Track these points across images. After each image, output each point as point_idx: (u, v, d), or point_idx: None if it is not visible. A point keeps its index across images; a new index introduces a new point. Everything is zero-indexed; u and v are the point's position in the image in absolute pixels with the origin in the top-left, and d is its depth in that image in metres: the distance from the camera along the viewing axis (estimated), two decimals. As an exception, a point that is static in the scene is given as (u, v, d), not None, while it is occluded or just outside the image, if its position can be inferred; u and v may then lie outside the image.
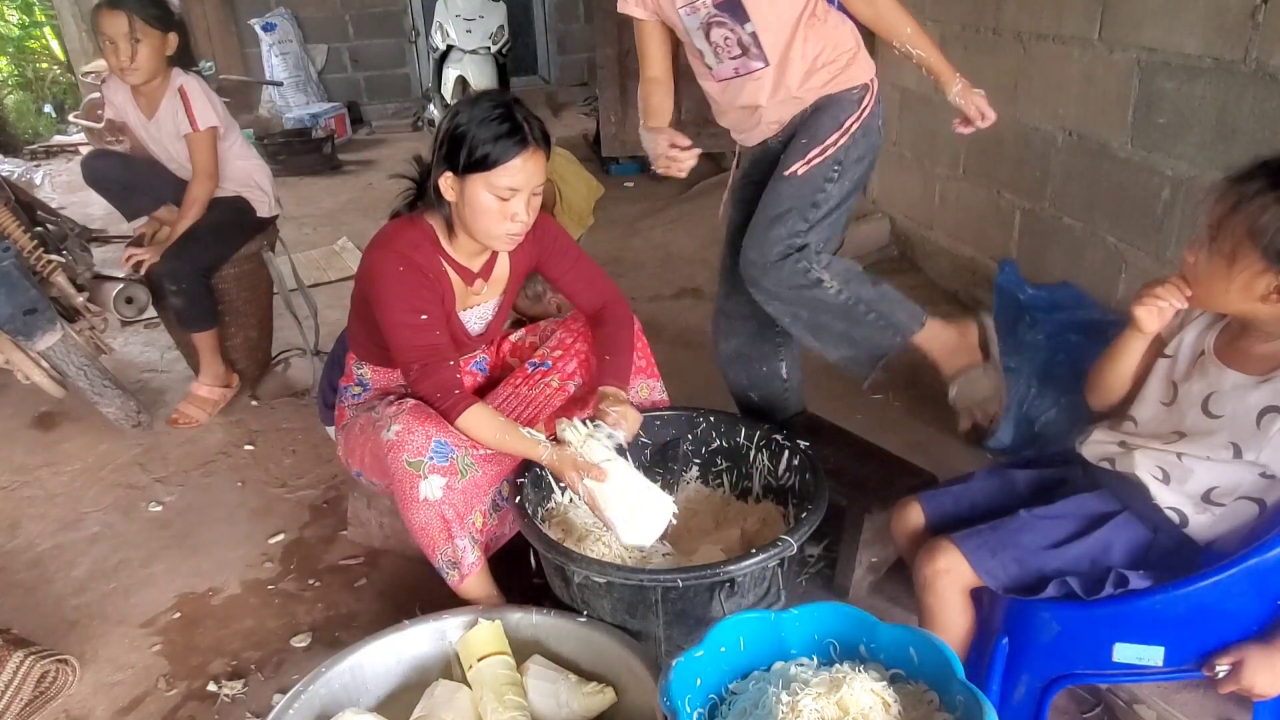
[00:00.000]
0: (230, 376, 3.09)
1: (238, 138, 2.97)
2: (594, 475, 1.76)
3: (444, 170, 1.75)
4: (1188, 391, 1.45)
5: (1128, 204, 2.57)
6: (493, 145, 1.69)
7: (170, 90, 2.77)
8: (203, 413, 2.98)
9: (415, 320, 1.79)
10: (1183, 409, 1.45)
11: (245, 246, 2.99)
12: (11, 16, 8.41)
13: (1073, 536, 1.48)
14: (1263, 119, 2.13)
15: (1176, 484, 1.43)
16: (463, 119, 1.72)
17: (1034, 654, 1.50)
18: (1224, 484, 1.40)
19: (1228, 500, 1.40)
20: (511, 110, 1.72)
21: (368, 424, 1.92)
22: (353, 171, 6.38)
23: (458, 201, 1.78)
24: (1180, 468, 1.43)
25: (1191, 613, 1.38)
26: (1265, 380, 1.36)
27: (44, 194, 5.67)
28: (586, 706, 1.61)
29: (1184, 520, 1.43)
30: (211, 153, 2.82)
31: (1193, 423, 1.43)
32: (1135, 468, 1.46)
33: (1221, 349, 1.44)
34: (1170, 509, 1.43)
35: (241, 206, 2.97)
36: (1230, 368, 1.41)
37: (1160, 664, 1.42)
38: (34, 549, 2.41)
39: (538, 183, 1.76)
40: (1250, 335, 1.40)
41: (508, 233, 1.78)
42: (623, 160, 5.66)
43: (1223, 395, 1.40)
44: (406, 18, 7.85)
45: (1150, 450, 1.46)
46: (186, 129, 2.77)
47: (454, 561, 1.82)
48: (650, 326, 2.34)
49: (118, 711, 1.88)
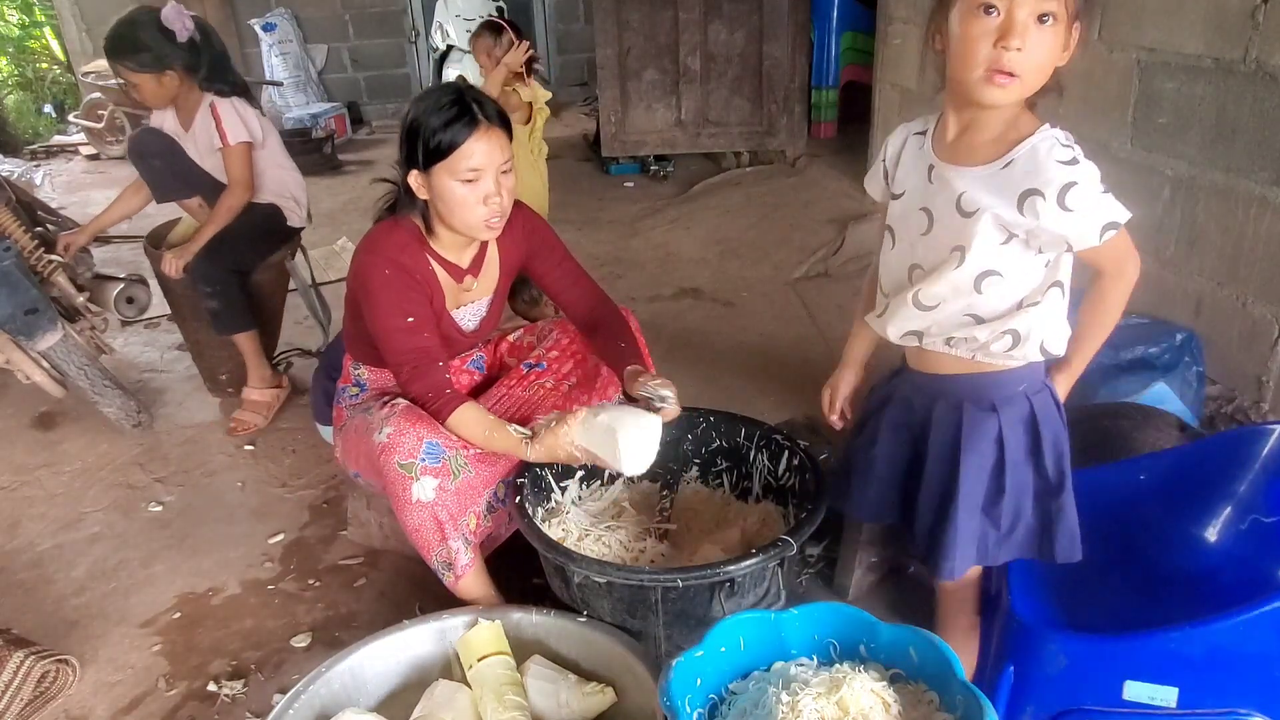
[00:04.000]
0: (279, 377, 3.07)
1: (277, 146, 2.97)
2: (570, 422, 1.73)
3: (410, 169, 1.76)
4: (934, 206, 1.40)
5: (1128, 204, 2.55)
6: (444, 131, 1.69)
7: (203, 107, 2.79)
8: (259, 417, 2.95)
9: (403, 324, 1.79)
10: (935, 229, 1.41)
11: (273, 255, 3.01)
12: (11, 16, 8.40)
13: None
14: (1263, 119, 2.13)
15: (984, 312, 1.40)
16: (415, 114, 1.73)
17: (1040, 685, 1.47)
18: (1007, 274, 1.35)
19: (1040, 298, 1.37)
20: (461, 95, 1.73)
21: (362, 426, 1.92)
22: (353, 171, 6.38)
23: (431, 197, 1.78)
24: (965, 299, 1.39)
25: (1210, 653, 1.33)
26: (1008, 164, 1.30)
27: (44, 194, 5.67)
28: (586, 706, 1.61)
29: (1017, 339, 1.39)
30: (245, 165, 2.82)
31: (951, 228, 1.37)
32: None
33: (947, 156, 1.39)
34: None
35: (273, 214, 2.97)
36: (967, 166, 1.35)
37: (1174, 706, 1.37)
38: (34, 549, 2.41)
39: (501, 160, 1.75)
40: (974, 127, 1.35)
41: (486, 218, 1.77)
42: (623, 160, 5.65)
43: (971, 192, 1.34)
44: (406, 18, 7.83)
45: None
46: (218, 144, 2.79)
47: (448, 562, 1.82)
48: (650, 326, 2.34)
49: (118, 711, 1.88)
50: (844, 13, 5.49)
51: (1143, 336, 2.39)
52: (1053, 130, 1.30)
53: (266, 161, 2.92)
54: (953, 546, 1.46)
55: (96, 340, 2.89)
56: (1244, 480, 1.69)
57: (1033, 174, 1.28)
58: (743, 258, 4.21)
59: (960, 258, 1.36)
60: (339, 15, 7.68)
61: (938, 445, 1.50)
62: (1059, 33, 1.24)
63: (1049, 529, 1.47)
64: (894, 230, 1.49)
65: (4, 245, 2.51)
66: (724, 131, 5.47)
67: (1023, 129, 1.31)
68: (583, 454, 1.76)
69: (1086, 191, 1.27)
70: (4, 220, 2.68)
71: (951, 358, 1.46)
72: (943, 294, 1.41)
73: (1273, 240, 2.17)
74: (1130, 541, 1.73)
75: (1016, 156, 1.30)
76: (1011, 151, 1.30)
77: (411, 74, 8.04)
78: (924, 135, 1.44)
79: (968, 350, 1.43)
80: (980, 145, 1.34)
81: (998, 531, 1.48)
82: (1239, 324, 2.30)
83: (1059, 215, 1.27)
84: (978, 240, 1.34)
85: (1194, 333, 2.36)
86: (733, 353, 3.28)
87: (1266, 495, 1.66)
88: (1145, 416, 2.06)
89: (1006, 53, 1.22)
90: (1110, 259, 1.37)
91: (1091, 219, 1.28)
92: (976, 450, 1.45)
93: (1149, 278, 2.52)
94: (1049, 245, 1.33)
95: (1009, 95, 1.26)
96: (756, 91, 5.33)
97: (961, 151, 1.37)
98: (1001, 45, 1.22)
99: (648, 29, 5.21)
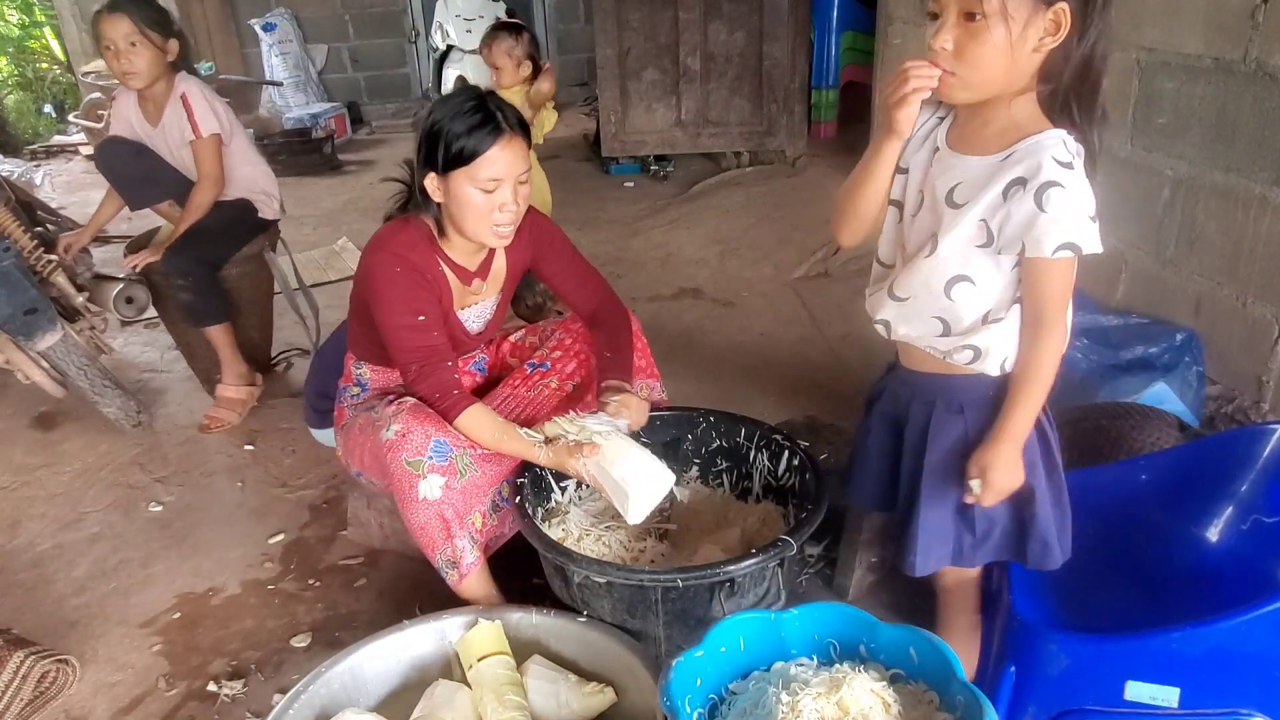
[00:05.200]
0: (253, 375, 3.06)
1: (244, 143, 2.97)
2: (587, 453, 1.76)
3: (427, 172, 1.76)
4: (930, 190, 1.39)
5: (1128, 204, 2.57)
6: (468, 138, 1.69)
7: (173, 98, 2.78)
8: (232, 414, 2.95)
9: (413, 321, 1.79)
10: (923, 212, 1.40)
11: (248, 246, 3.00)
12: (11, 16, 8.40)
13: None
14: (1263, 119, 2.13)
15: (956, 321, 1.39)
16: (437, 117, 1.73)
17: (1041, 685, 1.47)
18: (981, 284, 1.34)
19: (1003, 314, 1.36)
20: (484, 101, 1.73)
21: (367, 424, 1.92)
22: (353, 171, 6.38)
23: (445, 201, 1.78)
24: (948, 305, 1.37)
25: (1211, 654, 1.33)
26: (1008, 157, 1.30)
27: (44, 194, 5.67)
28: (586, 706, 1.60)
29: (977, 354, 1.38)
30: (216, 158, 2.82)
31: (935, 215, 1.37)
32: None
33: (954, 142, 1.38)
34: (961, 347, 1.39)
35: (245, 207, 2.98)
36: (969, 154, 1.35)
37: (1175, 706, 1.37)
38: (34, 549, 2.41)
39: (520, 170, 1.76)
40: (980, 117, 1.35)
41: (498, 226, 1.78)
42: (623, 160, 5.65)
43: (967, 183, 1.34)
44: (406, 18, 7.84)
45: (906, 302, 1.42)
46: (190, 135, 2.78)
47: (453, 561, 1.82)
48: (650, 326, 2.34)
49: (118, 711, 1.88)
50: (844, 13, 5.49)
51: (1143, 336, 2.39)
52: (1062, 133, 1.29)
53: (235, 159, 2.91)
54: (914, 540, 1.46)
55: (96, 340, 2.89)
56: (1244, 480, 1.69)
57: (1027, 164, 1.28)
58: (743, 258, 4.21)
59: (932, 246, 1.36)
60: (339, 15, 7.69)
61: (911, 441, 1.50)
62: (995, 28, 1.22)
63: (1023, 535, 1.47)
64: (895, 204, 1.48)
65: (4, 245, 2.51)
66: (724, 131, 5.47)
67: (1028, 126, 1.31)
68: (591, 482, 1.79)
69: (1066, 199, 1.25)
70: (4, 220, 2.68)
71: (929, 356, 1.46)
72: (914, 288, 1.40)
73: (1273, 240, 2.17)
74: (1131, 541, 1.73)
75: (1019, 150, 1.30)
76: (1015, 145, 1.30)
77: (411, 74, 8.04)
78: (941, 120, 1.43)
79: (937, 352, 1.44)
80: (985, 136, 1.34)
81: (973, 535, 1.47)
82: (1239, 324, 2.30)
83: (1029, 209, 1.26)
84: (954, 233, 1.33)
85: (1194, 333, 2.36)
86: (733, 353, 3.28)
87: (1267, 495, 1.66)
88: (1145, 416, 2.06)
89: (932, 52, 1.26)
90: (1048, 294, 1.31)
91: (1055, 227, 1.25)
92: (940, 449, 1.45)
93: (1149, 278, 2.54)
94: (1008, 244, 1.30)
95: (953, 94, 1.29)
96: (756, 91, 5.33)
97: (967, 139, 1.37)
98: (930, 44, 1.27)
99: (648, 29, 5.21)
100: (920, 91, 1.28)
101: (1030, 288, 1.33)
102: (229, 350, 2.95)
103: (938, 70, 1.27)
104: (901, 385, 1.54)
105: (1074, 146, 1.29)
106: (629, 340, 2.04)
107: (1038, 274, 1.30)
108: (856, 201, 1.46)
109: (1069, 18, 1.22)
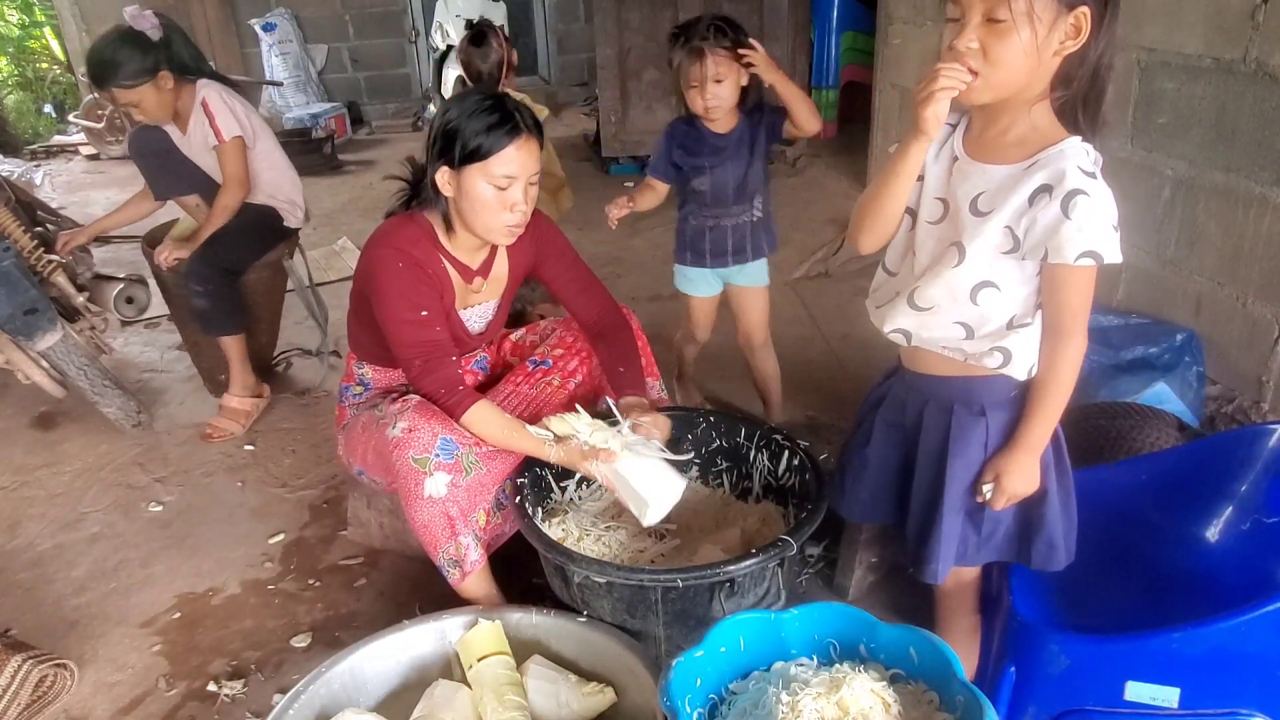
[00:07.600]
0: (260, 386, 3.04)
1: (269, 145, 2.95)
2: (603, 458, 1.77)
3: (440, 165, 1.76)
4: (952, 198, 1.39)
5: (1128, 204, 2.54)
6: (486, 135, 1.71)
7: (196, 105, 2.79)
8: (236, 424, 2.92)
9: (416, 316, 1.79)
10: (946, 221, 1.40)
11: (269, 253, 3.00)
12: (11, 16, 8.40)
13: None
14: (1263, 119, 2.13)
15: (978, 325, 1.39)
16: (454, 114, 1.74)
17: (1041, 685, 1.47)
18: (1006, 289, 1.34)
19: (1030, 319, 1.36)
20: (501, 101, 1.75)
21: (370, 422, 1.93)
22: (353, 171, 6.38)
23: (456, 196, 1.79)
24: (974, 309, 1.37)
25: (1211, 654, 1.33)
26: (1031, 165, 1.30)
27: (44, 194, 5.66)
28: (586, 706, 1.60)
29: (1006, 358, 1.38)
30: (240, 162, 2.82)
31: (959, 224, 1.37)
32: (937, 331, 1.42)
33: (972, 150, 1.38)
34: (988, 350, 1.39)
35: (269, 214, 2.97)
36: (990, 163, 1.35)
37: (1176, 706, 1.37)
38: (34, 549, 2.41)
39: (533, 170, 1.78)
40: (997, 125, 1.35)
41: (507, 224, 1.79)
42: (623, 160, 5.66)
43: (990, 192, 1.34)
44: (406, 18, 7.84)
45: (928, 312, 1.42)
46: (214, 141, 2.78)
47: (456, 560, 1.82)
48: (650, 326, 2.33)
49: (118, 711, 1.88)
50: (844, 13, 5.49)
51: (1143, 336, 2.39)
52: (1084, 143, 1.30)
53: (260, 163, 2.91)
54: (937, 548, 1.47)
55: (96, 340, 2.89)
56: (1244, 480, 1.69)
57: (1050, 171, 1.28)
58: (743, 258, 4.20)
59: (959, 255, 1.36)
60: (339, 15, 7.69)
61: (928, 447, 1.50)
62: (1021, 29, 1.22)
63: (1028, 535, 1.47)
64: (908, 211, 1.47)
65: (4, 245, 2.51)
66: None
67: (1049, 134, 1.31)
68: (604, 483, 1.79)
69: (1091, 207, 1.26)
70: (4, 220, 2.68)
71: (944, 359, 1.45)
72: (938, 298, 1.40)
73: (1273, 240, 2.17)
74: (1131, 541, 1.73)
75: (1042, 158, 1.30)
76: (1038, 154, 1.30)
77: (411, 74, 8.04)
78: (954, 127, 1.42)
79: (960, 355, 1.43)
80: (1005, 145, 1.34)
81: (978, 535, 1.48)
82: (1239, 324, 2.30)
83: (1055, 214, 1.27)
84: (980, 241, 1.33)
85: (1194, 333, 2.36)
86: (733, 353, 3.28)
87: (1267, 495, 1.66)
88: (1145, 416, 2.06)
89: (957, 53, 1.25)
90: (1068, 301, 1.32)
91: (1079, 235, 1.26)
92: (964, 455, 1.45)
93: (1149, 278, 2.54)
94: (1033, 249, 1.31)
95: (973, 95, 1.28)
96: (756, 91, 5.34)
97: (987, 148, 1.37)
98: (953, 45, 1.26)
99: (648, 29, 5.21)
100: (949, 90, 1.27)
101: (1051, 294, 1.33)
102: (240, 362, 2.93)
103: (969, 73, 1.26)
104: (909, 391, 1.53)
105: (1095, 155, 1.30)
106: (635, 349, 2.05)
107: (1059, 281, 1.31)
108: (883, 204, 1.43)
109: (1089, 23, 1.23)
